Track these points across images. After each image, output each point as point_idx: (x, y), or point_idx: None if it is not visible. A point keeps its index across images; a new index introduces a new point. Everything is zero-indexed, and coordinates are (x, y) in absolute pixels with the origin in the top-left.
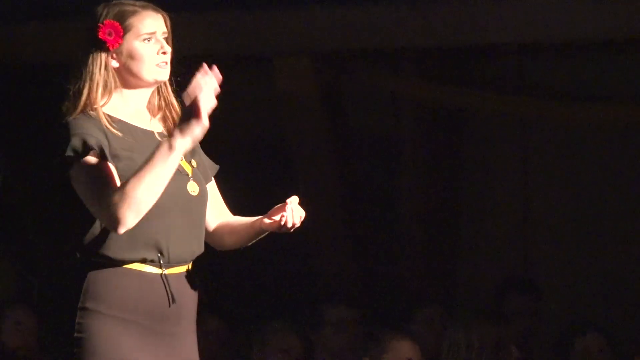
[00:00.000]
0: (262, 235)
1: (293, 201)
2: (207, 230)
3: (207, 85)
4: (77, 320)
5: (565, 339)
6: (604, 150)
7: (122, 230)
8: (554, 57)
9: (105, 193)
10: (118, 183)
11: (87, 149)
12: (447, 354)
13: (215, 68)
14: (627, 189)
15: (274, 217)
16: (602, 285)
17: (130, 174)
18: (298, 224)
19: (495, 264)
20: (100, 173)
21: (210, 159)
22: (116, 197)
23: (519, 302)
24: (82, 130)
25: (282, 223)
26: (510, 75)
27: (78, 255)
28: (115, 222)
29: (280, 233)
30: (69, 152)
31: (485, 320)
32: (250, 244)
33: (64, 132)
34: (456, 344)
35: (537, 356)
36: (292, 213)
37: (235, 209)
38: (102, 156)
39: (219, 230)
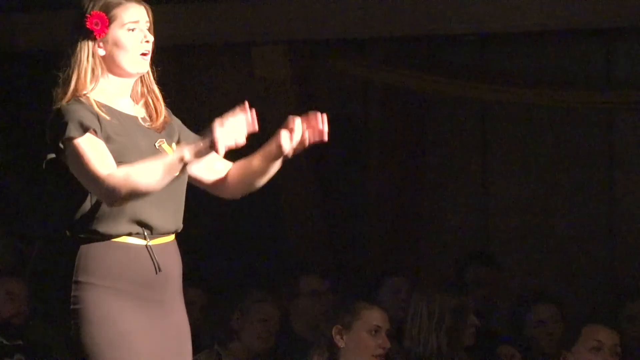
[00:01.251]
0: (275, 165)
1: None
2: (223, 183)
3: (238, 123)
4: (72, 294)
5: (520, 309)
6: (557, 131)
7: (114, 206)
8: (512, 45)
9: (103, 170)
10: (113, 162)
11: (84, 130)
12: (411, 322)
13: (252, 111)
14: (578, 167)
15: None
16: (555, 258)
17: (117, 156)
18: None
19: (457, 237)
20: (97, 152)
21: (197, 134)
22: (118, 179)
23: (478, 273)
24: (78, 113)
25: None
26: (472, 62)
27: (68, 233)
28: (112, 198)
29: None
30: (68, 134)
31: (447, 290)
32: (264, 179)
33: (60, 117)
34: (419, 313)
35: (495, 325)
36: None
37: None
38: (98, 137)
39: (234, 174)
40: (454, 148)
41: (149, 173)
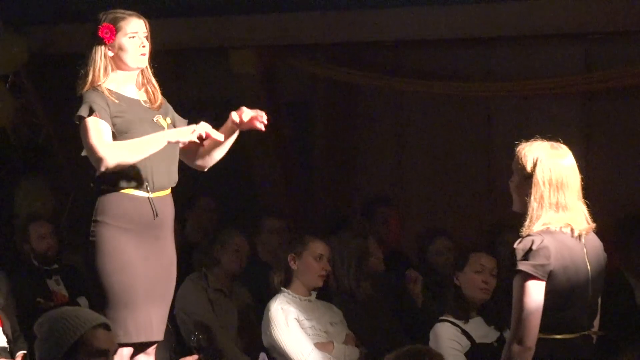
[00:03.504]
0: (232, 138)
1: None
2: (198, 158)
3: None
4: (90, 229)
5: (424, 241)
6: (452, 115)
7: (102, 169)
8: (422, 49)
9: (98, 144)
10: (109, 138)
11: (90, 112)
12: (332, 262)
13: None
14: (468, 141)
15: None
16: (450, 204)
17: (123, 130)
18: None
19: (379, 189)
20: (97, 130)
21: (183, 117)
22: (106, 150)
23: (385, 213)
24: (90, 99)
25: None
26: (392, 62)
27: (92, 185)
28: (101, 166)
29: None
30: (79, 114)
31: (352, 235)
32: (224, 150)
33: (80, 101)
34: (334, 255)
35: (402, 258)
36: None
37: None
38: (101, 118)
39: (202, 150)
40: (377, 126)
41: (134, 150)
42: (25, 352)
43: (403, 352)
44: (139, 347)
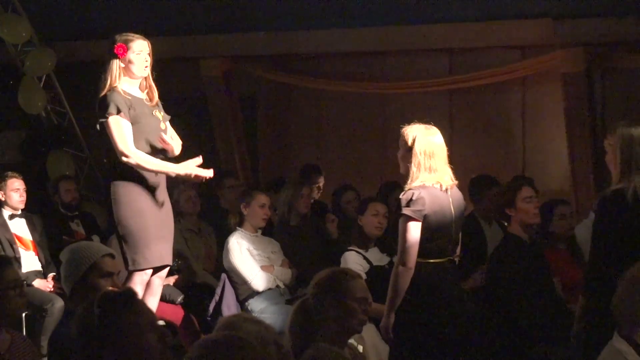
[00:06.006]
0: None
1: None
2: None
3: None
4: (111, 190)
5: (336, 195)
6: (357, 106)
7: (121, 160)
8: (337, 59)
9: (123, 142)
10: (131, 138)
11: (118, 111)
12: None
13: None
14: (368, 125)
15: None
16: (357, 170)
17: (133, 121)
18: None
19: (303, 160)
20: (124, 127)
21: (165, 110)
22: (132, 154)
23: (314, 175)
24: (115, 100)
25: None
26: (314, 68)
27: (105, 160)
28: (122, 157)
29: None
30: (110, 111)
31: (291, 186)
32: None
33: (104, 101)
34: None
35: (323, 206)
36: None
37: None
38: (125, 117)
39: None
40: (303, 113)
41: (152, 162)
42: (54, 274)
43: (331, 271)
44: (155, 271)
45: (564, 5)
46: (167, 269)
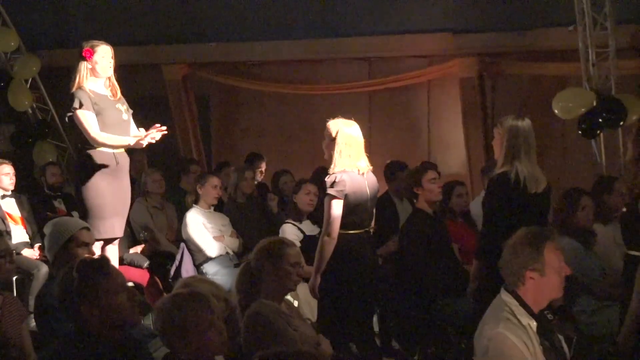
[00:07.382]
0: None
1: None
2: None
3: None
4: (78, 172)
5: (276, 177)
6: (292, 106)
7: (91, 142)
8: (277, 66)
9: (90, 129)
10: (96, 123)
11: (81, 105)
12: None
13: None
14: (302, 120)
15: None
16: (292, 157)
17: (98, 113)
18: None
19: (249, 149)
20: (88, 117)
21: (131, 107)
22: (98, 136)
23: (259, 162)
24: (79, 96)
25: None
26: (258, 73)
27: (78, 145)
28: (91, 141)
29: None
30: (74, 106)
31: (238, 170)
32: None
33: (72, 97)
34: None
35: (266, 187)
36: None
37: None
38: (89, 109)
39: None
40: (248, 111)
41: (113, 141)
42: (40, 244)
43: (271, 240)
44: (107, 241)
45: (462, 22)
46: (118, 240)
